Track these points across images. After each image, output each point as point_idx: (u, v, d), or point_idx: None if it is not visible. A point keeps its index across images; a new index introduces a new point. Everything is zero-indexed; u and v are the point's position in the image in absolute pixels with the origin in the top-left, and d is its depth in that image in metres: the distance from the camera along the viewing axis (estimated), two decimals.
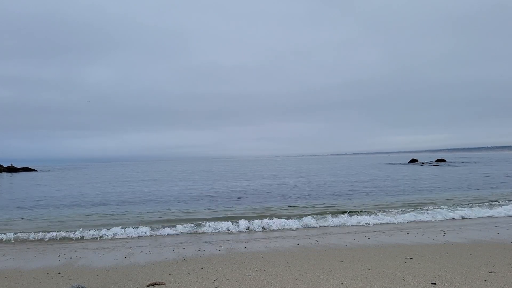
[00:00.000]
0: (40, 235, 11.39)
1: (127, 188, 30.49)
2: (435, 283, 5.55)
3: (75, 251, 9.43)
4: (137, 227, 11.87)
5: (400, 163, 71.03)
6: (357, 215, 13.44)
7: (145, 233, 11.49)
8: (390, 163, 74.05)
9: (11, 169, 73.17)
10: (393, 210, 14.87)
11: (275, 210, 15.88)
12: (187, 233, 11.53)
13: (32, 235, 11.36)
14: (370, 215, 13.47)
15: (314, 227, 12.08)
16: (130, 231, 11.53)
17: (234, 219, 13.00)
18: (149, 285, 5.90)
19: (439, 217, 13.18)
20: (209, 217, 14.26)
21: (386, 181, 30.83)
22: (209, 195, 22.72)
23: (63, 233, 11.54)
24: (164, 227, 12.18)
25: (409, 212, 14.11)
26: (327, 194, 21.71)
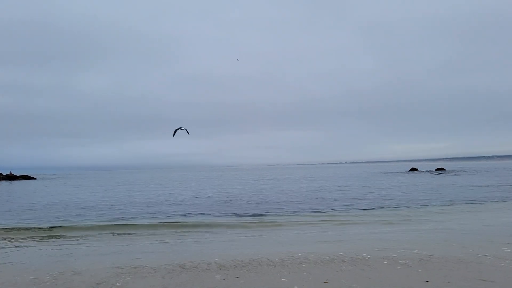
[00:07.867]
0: None
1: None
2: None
3: None
4: None
5: (405, 172, 71.59)
6: None
7: None
8: (392, 172, 74.50)
9: (11, 177, 73.73)
10: None
11: None
12: None
13: None
14: None
15: None
16: None
17: None
18: None
19: None
20: None
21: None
22: None
23: None
24: None
25: None
26: None
